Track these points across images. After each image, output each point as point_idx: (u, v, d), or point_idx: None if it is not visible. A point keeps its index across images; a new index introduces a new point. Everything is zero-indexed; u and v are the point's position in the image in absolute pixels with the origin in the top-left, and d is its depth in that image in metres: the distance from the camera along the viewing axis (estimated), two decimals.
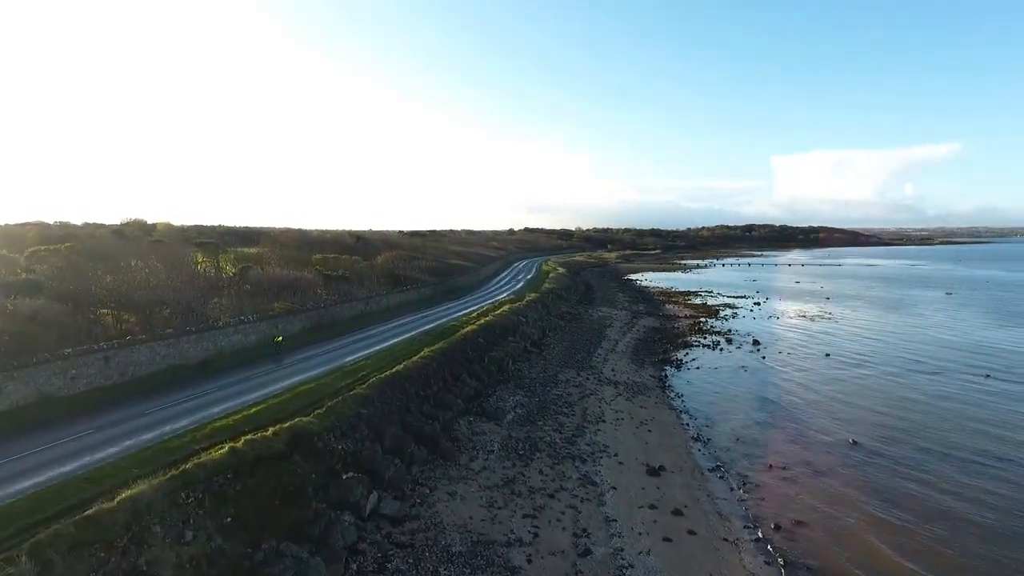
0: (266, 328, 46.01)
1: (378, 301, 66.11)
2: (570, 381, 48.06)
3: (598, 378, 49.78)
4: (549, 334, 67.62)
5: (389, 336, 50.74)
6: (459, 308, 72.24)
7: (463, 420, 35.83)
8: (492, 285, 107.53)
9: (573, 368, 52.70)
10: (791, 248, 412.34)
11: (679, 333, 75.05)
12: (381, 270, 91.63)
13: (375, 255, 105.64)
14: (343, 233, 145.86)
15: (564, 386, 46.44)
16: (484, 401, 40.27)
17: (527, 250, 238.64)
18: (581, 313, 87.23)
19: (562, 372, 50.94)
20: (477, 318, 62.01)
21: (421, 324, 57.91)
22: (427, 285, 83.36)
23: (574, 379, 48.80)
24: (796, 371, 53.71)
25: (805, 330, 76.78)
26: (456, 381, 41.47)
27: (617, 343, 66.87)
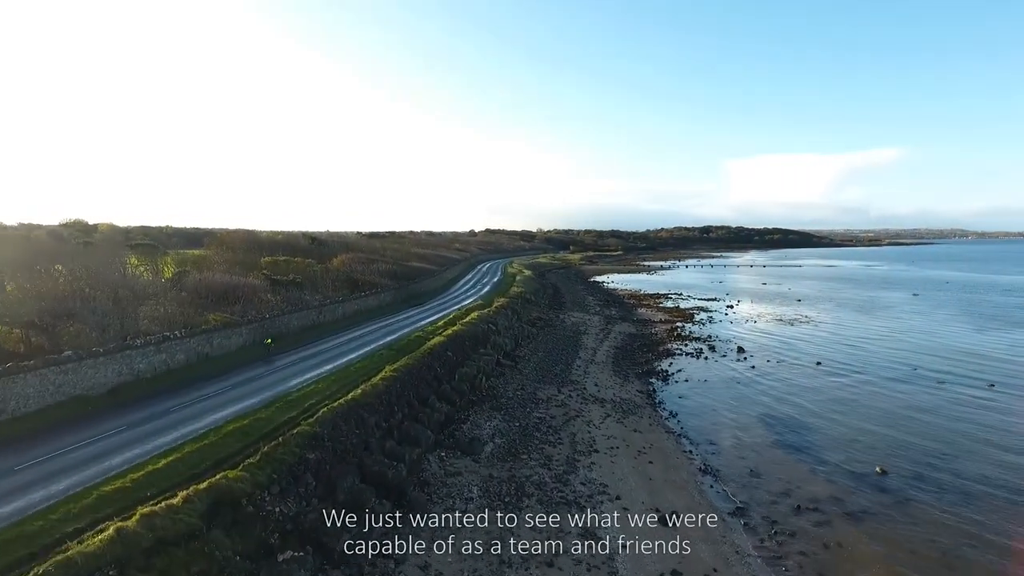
0: (197, 345, 39.12)
1: (333, 309, 59.47)
2: (552, 400, 42.77)
3: (582, 395, 44.65)
4: (523, 344, 62.26)
5: (345, 351, 44.44)
6: (423, 315, 66.19)
7: (434, 456, 30.07)
8: (457, 289, 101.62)
9: (553, 383, 47.44)
10: (748, 249, 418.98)
11: (658, 340, 70.81)
12: (337, 274, 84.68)
13: (331, 258, 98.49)
14: (297, 234, 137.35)
15: (546, 406, 41.11)
16: (458, 429, 34.56)
17: (490, 251, 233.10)
18: (553, 319, 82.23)
19: (541, 389, 45.61)
20: (444, 327, 56.19)
21: (382, 335, 51.72)
22: (388, 290, 76.94)
23: (555, 397, 43.53)
24: (791, 383, 49.81)
25: (787, 335, 73.65)
26: (424, 406, 35.60)
27: (595, 352, 62.01)
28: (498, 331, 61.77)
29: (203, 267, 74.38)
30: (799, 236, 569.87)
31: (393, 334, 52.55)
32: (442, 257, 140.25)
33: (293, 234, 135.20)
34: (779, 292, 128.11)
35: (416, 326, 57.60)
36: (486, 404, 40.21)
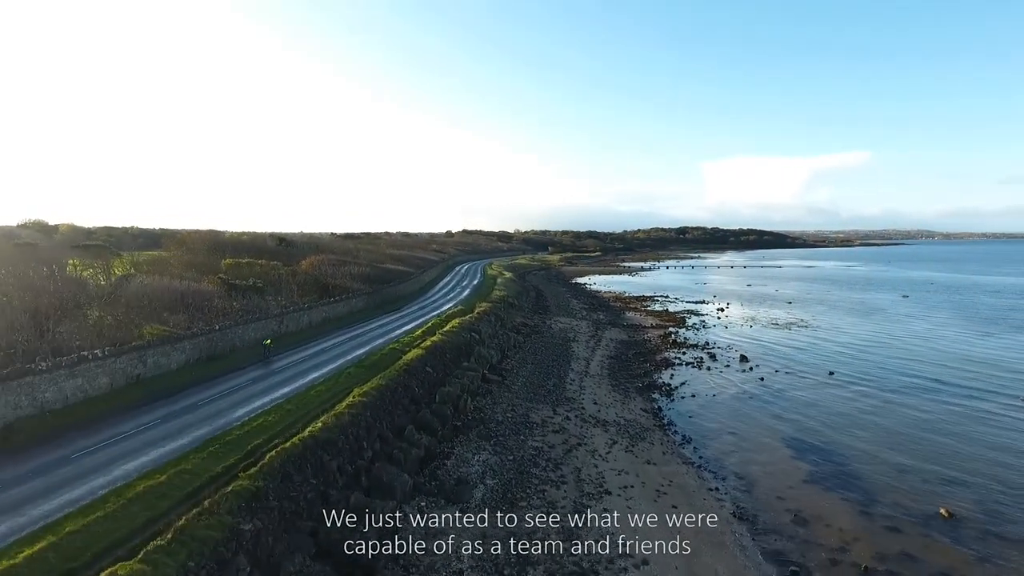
0: (125, 365, 32.60)
1: (297, 318, 53.05)
2: (547, 423, 37.18)
3: (580, 416, 39.17)
4: (509, 354, 56.56)
5: (307, 368, 38.29)
6: (399, 323, 60.10)
7: (412, 506, 24.22)
8: (435, 293, 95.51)
9: (546, 402, 41.87)
10: (725, 250, 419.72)
11: (653, 347, 65.79)
12: (305, 278, 78.13)
13: (300, 260, 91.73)
14: (264, 235, 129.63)
15: (542, 432, 35.49)
16: (440, 467, 28.73)
17: (468, 252, 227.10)
18: (539, 325, 76.72)
19: (535, 409, 39.99)
20: (422, 337, 50.28)
21: (352, 348, 45.61)
22: (360, 295, 70.61)
23: (551, 419, 37.96)
24: (808, 399, 45.03)
25: (787, 342, 69.28)
26: (400, 439, 29.72)
27: (588, 363, 56.66)
28: (482, 340, 56.03)
29: (156, 270, 67.54)
30: (773, 237, 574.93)
31: (364, 346, 46.46)
32: (419, 259, 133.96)
33: (260, 235, 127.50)
34: (766, 294, 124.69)
35: (391, 336, 51.57)
36: (473, 431, 34.42)
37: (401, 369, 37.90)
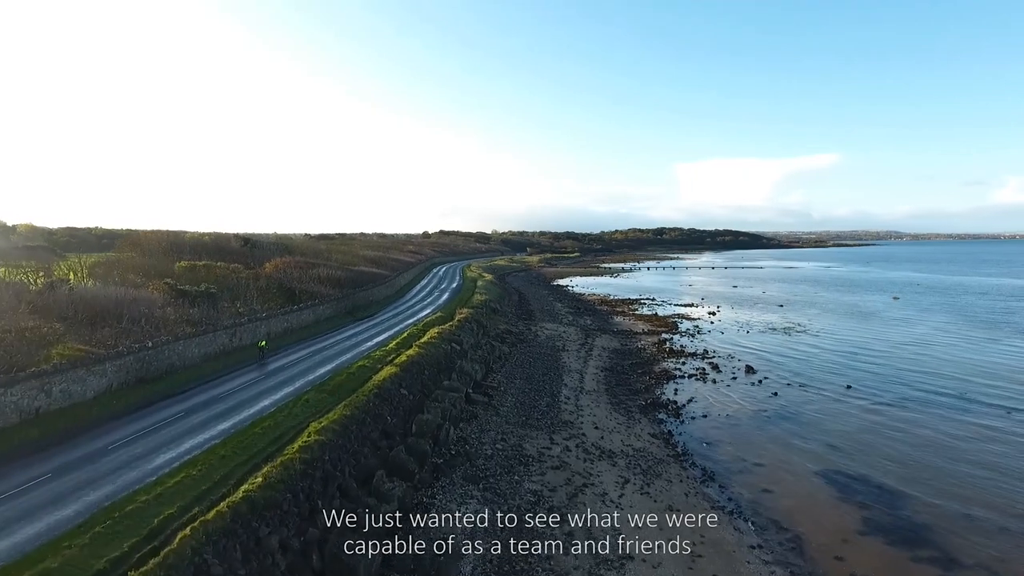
0: (19, 398, 25.91)
1: (253, 329, 46.49)
2: (545, 456, 31.51)
3: (581, 444, 33.59)
4: (494, 368, 50.75)
5: (256, 394, 32.02)
6: (371, 333, 53.89)
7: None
8: (412, 297, 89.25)
9: (541, 427, 36.21)
10: (702, 251, 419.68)
11: (650, 357, 60.63)
12: (269, 282, 71.37)
13: (265, 263, 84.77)
14: (228, 236, 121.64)
15: (539, 468, 29.80)
16: (417, 527, 22.80)
17: (445, 254, 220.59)
18: (524, 332, 71.06)
19: (529, 437, 34.28)
20: (396, 351, 44.24)
21: (314, 365, 39.39)
22: (328, 301, 64.14)
23: (549, 451, 32.30)
24: (832, 420, 40.12)
25: (790, 349, 64.77)
26: (366, 488, 23.72)
27: (583, 376, 51.19)
28: (464, 353, 50.17)
29: (103, 274, 60.45)
30: (749, 238, 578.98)
31: (330, 363, 40.26)
32: (394, 260, 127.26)
33: (224, 235, 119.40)
34: (755, 296, 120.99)
35: (361, 350, 45.42)
36: (457, 470, 28.56)
37: (371, 393, 31.85)
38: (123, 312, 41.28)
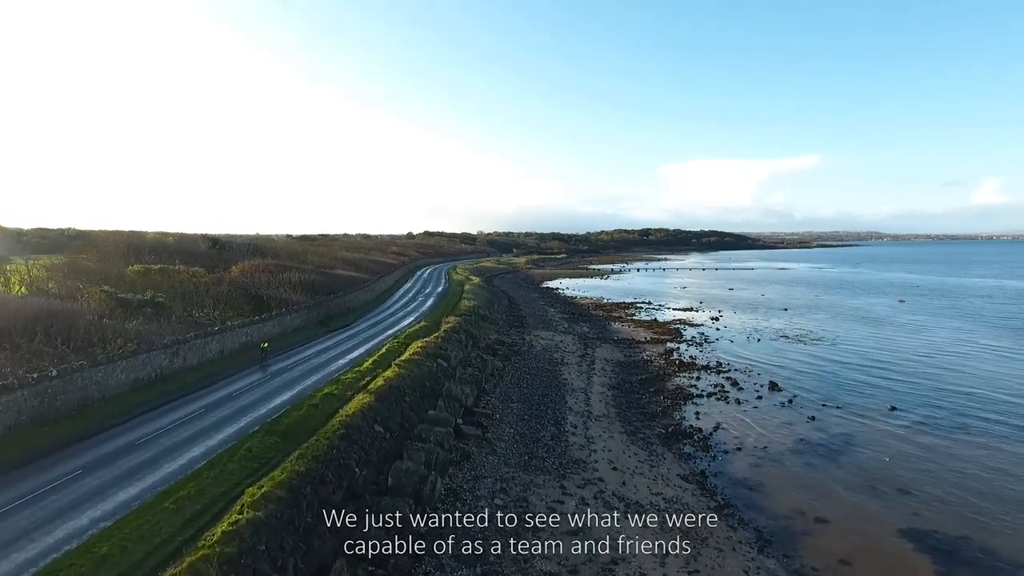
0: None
1: (201, 347, 39.23)
2: (556, 511, 24.91)
3: (600, 493, 27.06)
4: (487, 387, 44.03)
5: (188, 439, 25.02)
6: (344, 348, 46.93)
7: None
8: (394, 303, 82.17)
9: (549, 470, 29.60)
10: (688, 252, 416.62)
11: (659, 371, 54.36)
12: (232, 288, 64.06)
13: (232, 265, 77.32)
14: (195, 236, 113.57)
15: (551, 537, 23.17)
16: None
17: (430, 255, 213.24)
18: (518, 343, 64.45)
19: (534, 485, 27.62)
20: (371, 371, 37.46)
21: (268, 395, 32.39)
22: (298, 309, 56.95)
23: (561, 505, 25.71)
24: (888, 454, 33.97)
25: (810, 360, 58.92)
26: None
27: (587, 396, 44.73)
28: (452, 371, 43.48)
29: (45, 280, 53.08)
30: (734, 238, 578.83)
31: (289, 390, 33.31)
32: (376, 263, 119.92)
33: (190, 236, 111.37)
34: (754, 299, 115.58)
35: (330, 370, 38.48)
36: (447, 540, 21.83)
37: (335, 434, 25.03)
38: (45, 328, 34.06)
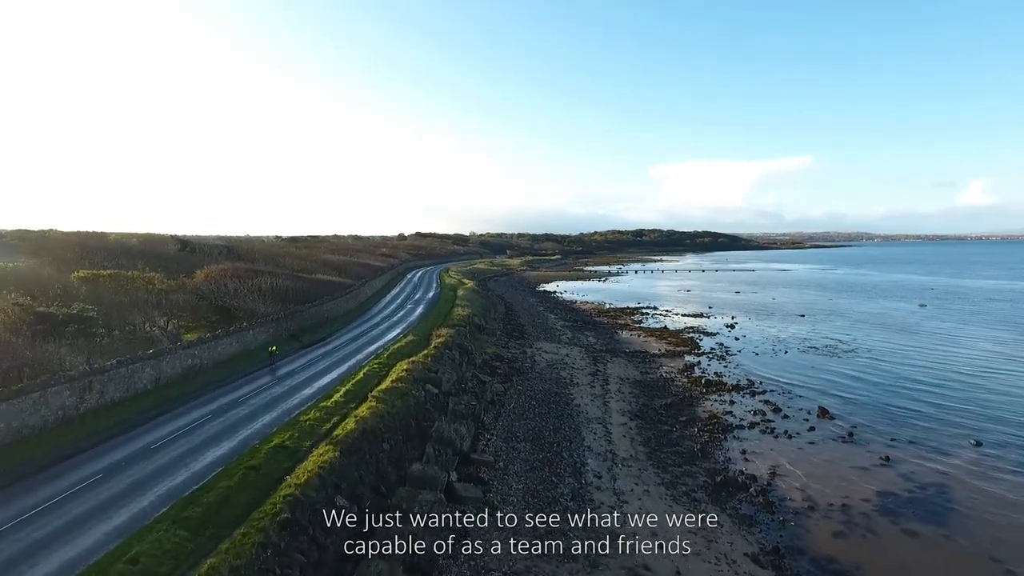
0: None
1: (127, 377, 31.09)
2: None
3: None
4: (486, 422, 36.22)
5: (55, 533, 17.08)
6: (313, 372, 38.95)
7: None
8: (378, 312, 74.21)
9: (576, 559, 21.87)
10: (683, 253, 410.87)
11: (683, 392, 46.91)
12: (187, 297, 56.11)
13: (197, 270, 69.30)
14: (164, 237, 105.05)
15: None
16: None
17: (422, 257, 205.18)
18: (519, 358, 56.75)
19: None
20: (341, 407, 29.67)
21: (197, 449, 24.36)
22: (265, 322, 48.93)
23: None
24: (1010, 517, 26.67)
25: (853, 378, 51.67)
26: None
27: (607, 428, 37.11)
28: (444, 400, 35.76)
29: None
30: (728, 239, 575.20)
31: (229, 439, 25.40)
32: (362, 266, 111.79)
33: (157, 236, 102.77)
34: (765, 304, 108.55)
35: (290, 405, 30.58)
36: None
37: (274, 520, 17.28)
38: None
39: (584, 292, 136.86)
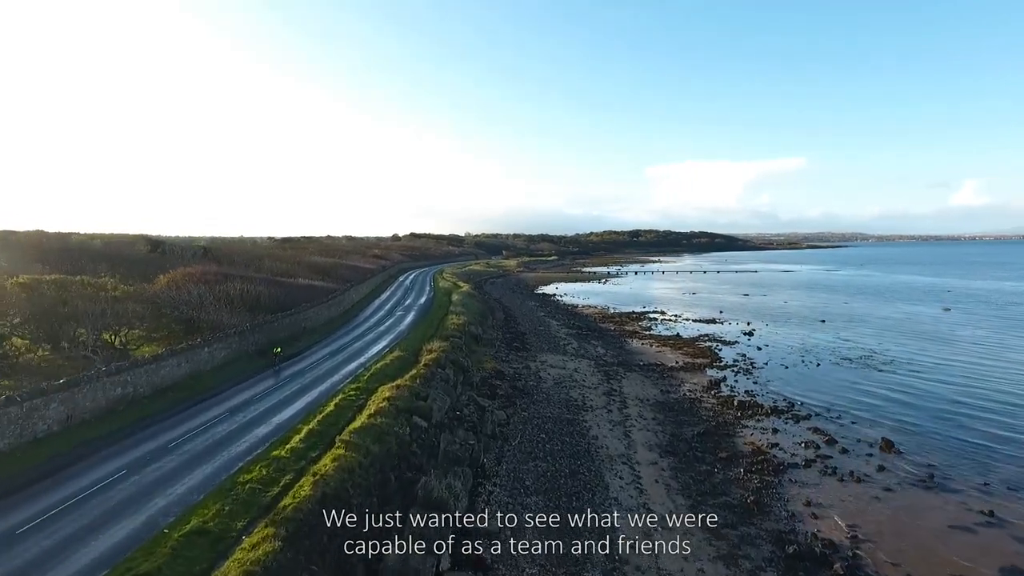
0: None
1: (23, 419, 24.07)
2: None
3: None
4: (487, 466, 29.28)
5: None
6: (273, 403, 31.89)
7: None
8: (364, 321, 67.21)
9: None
10: (680, 253, 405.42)
11: (715, 417, 40.22)
12: (154, 303, 49.19)
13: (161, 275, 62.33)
14: (135, 237, 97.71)
15: None
16: None
17: (415, 258, 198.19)
18: (521, 373, 49.93)
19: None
20: (298, 459, 22.74)
21: (71, 545, 17.32)
22: (225, 337, 41.90)
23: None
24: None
25: (903, 398, 45.20)
26: None
27: (635, 471, 30.33)
28: (434, 439, 28.87)
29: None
30: (725, 239, 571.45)
31: (133, 515, 18.40)
32: (350, 269, 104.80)
33: (126, 237, 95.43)
34: (779, 308, 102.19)
35: (229, 456, 23.54)
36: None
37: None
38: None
39: (585, 295, 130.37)
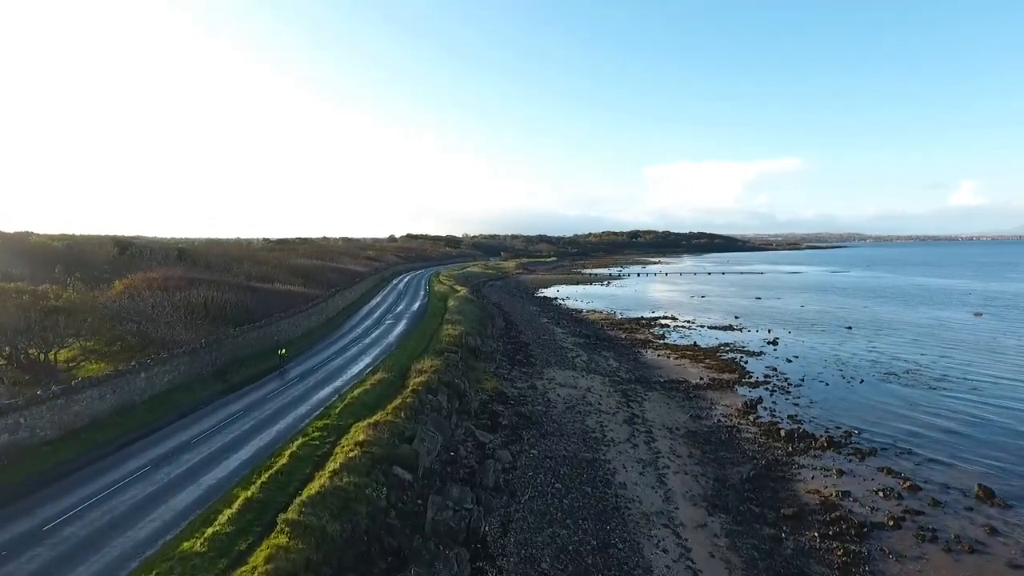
0: None
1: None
2: None
3: None
4: (490, 539, 22.34)
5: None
6: (213, 451, 24.84)
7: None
8: (347, 333, 60.13)
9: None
10: (680, 254, 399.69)
11: (762, 453, 33.39)
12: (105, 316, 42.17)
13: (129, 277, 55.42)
14: (102, 238, 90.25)
15: None
16: None
17: (411, 260, 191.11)
18: (527, 395, 42.95)
19: None
20: (222, 549, 15.63)
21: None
22: (173, 357, 34.82)
23: None
24: None
25: (975, 425, 38.52)
26: None
27: (681, 540, 23.43)
28: (419, 502, 21.92)
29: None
30: (724, 240, 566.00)
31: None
32: (338, 272, 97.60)
33: (91, 238, 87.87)
34: (796, 313, 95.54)
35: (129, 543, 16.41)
36: None
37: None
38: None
39: (588, 298, 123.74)
